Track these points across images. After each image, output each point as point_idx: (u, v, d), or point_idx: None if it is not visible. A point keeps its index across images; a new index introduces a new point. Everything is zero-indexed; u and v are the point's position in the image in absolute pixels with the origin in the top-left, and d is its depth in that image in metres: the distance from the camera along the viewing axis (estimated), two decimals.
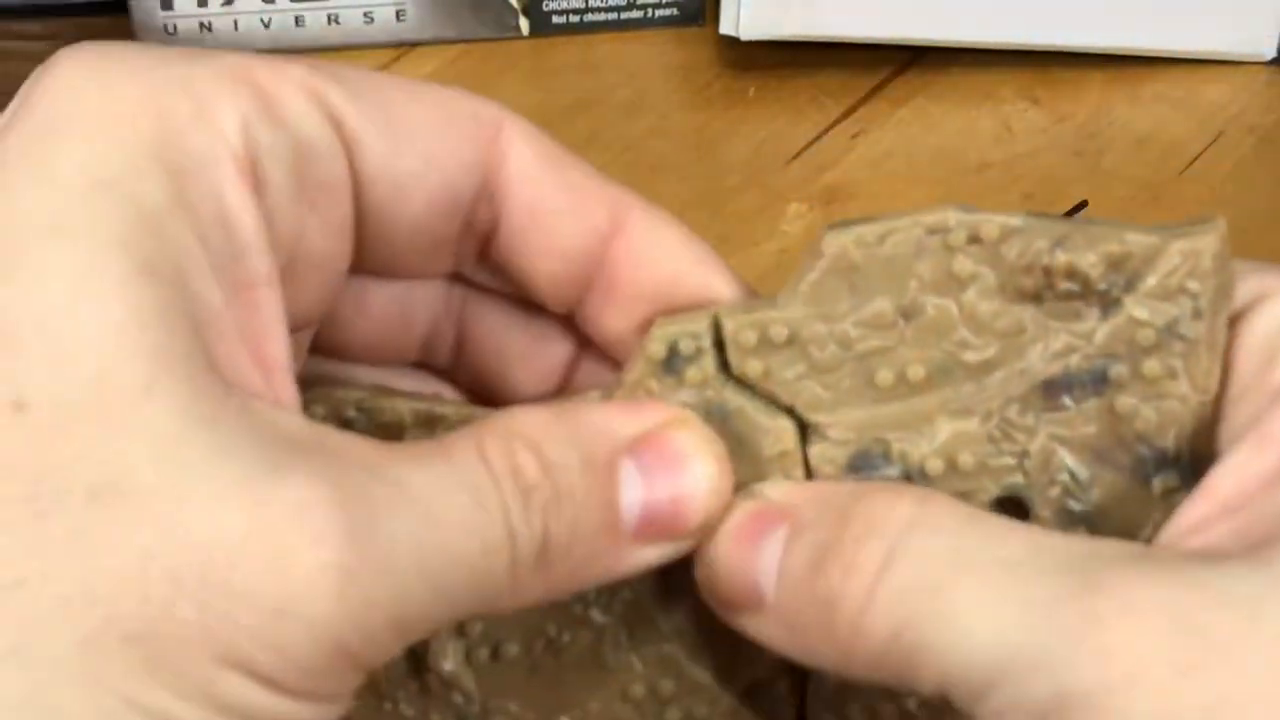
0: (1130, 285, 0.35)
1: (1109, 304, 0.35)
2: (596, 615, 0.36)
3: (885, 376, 0.35)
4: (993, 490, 0.35)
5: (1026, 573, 0.30)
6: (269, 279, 0.31)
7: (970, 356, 0.34)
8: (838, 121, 0.75)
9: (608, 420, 0.33)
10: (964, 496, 0.34)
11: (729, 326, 0.35)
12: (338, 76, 0.33)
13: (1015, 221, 0.34)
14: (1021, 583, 0.29)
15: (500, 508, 0.31)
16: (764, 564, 0.32)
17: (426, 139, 0.35)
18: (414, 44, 0.80)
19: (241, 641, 0.28)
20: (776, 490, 0.34)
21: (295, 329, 0.34)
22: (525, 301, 0.38)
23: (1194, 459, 0.34)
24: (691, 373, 0.35)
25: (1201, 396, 0.34)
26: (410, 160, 0.34)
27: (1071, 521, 0.34)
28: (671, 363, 0.35)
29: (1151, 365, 0.34)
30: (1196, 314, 0.35)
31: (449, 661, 0.36)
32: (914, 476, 0.34)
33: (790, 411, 0.35)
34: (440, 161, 0.35)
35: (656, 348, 0.35)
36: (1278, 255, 0.67)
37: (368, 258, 0.35)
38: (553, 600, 0.33)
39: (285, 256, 0.32)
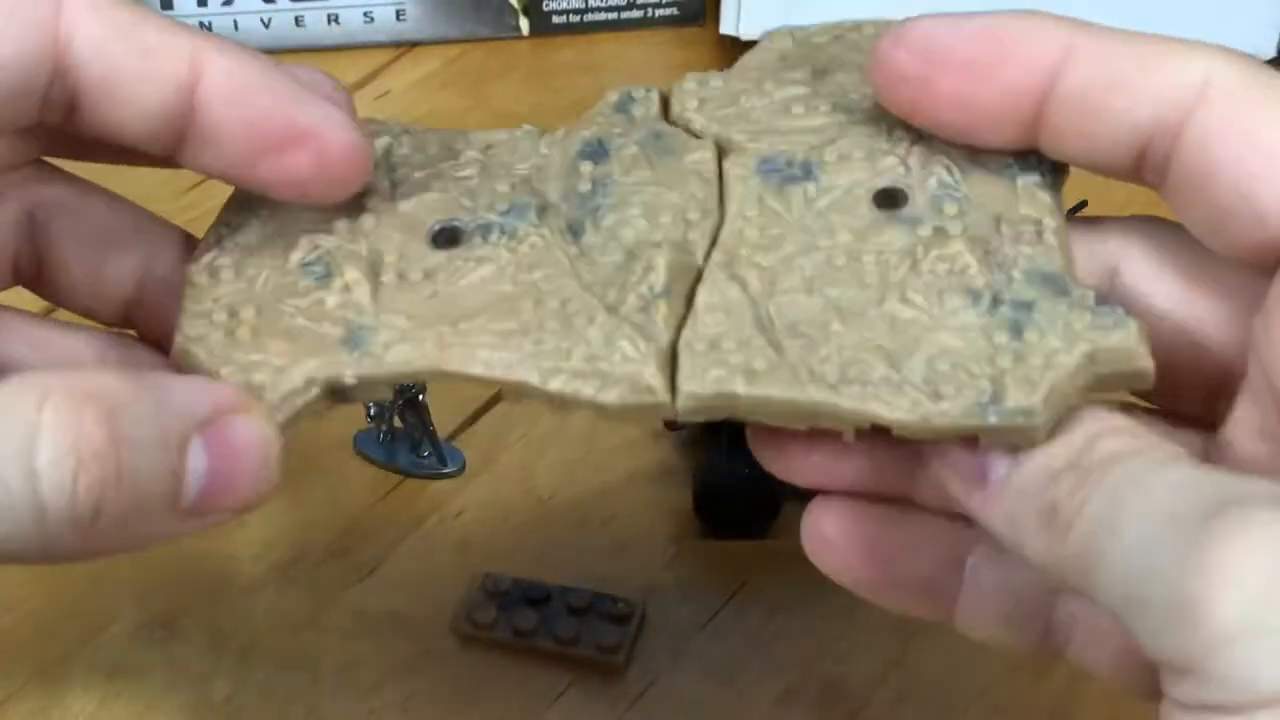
0: None
1: None
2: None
3: (797, 111, 0.41)
4: (878, 183, 0.40)
5: (1189, 523, 0.31)
6: None
7: (867, 103, 0.41)
8: None
9: (187, 397, 0.34)
10: (854, 184, 0.40)
11: (676, 84, 0.43)
12: None
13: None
14: (1181, 530, 0.31)
15: (28, 477, 0.31)
16: (996, 456, 0.35)
17: None
18: (414, 44, 0.80)
19: None
20: None
21: None
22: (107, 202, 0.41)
23: (1054, 164, 0.41)
24: (638, 111, 0.42)
25: None
26: None
27: (944, 206, 0.39)
28: (623, 104, 0.43)
29: None
30: None
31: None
32: (813, 168, 0.40)
33: (715, 140, 0.41)
34: None
35: (613, 95, 0.43)
36: None
37: None
38: (98, 556, 0.34)
39: None
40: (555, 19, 0.80)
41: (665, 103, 0.43)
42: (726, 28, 0.75)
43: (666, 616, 0.53)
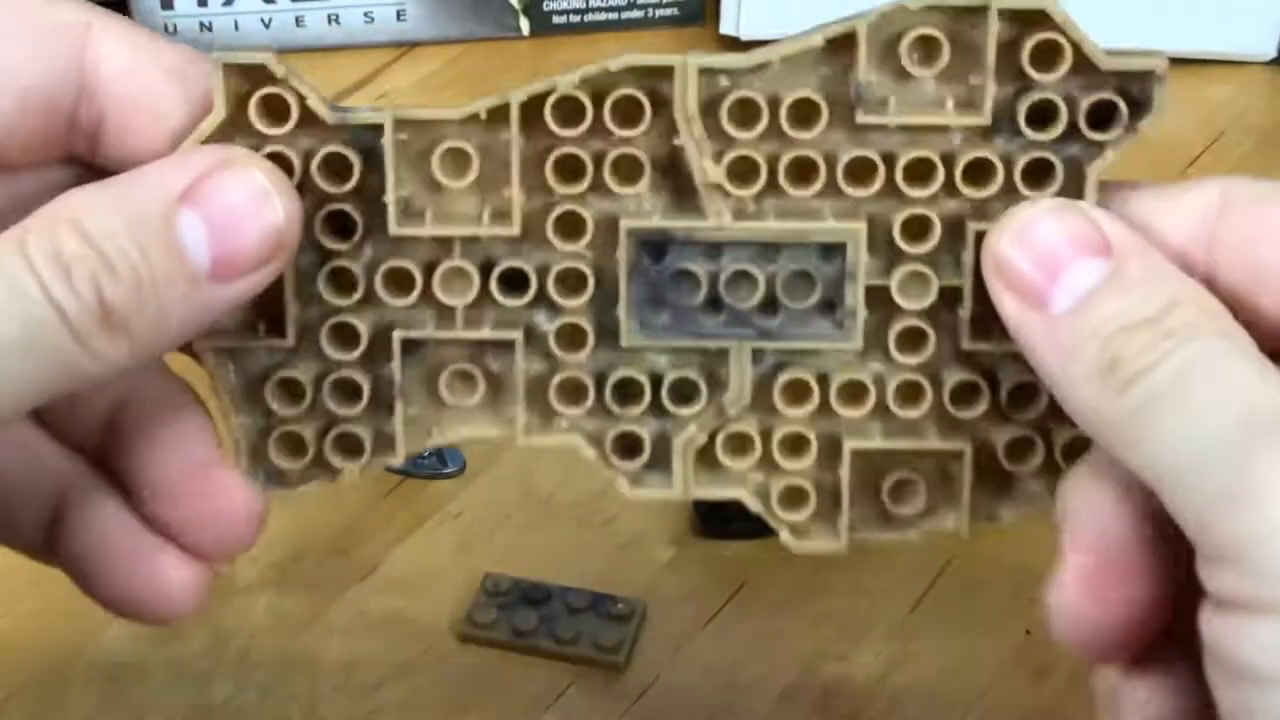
0: None
1: None
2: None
3: None
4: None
5: (1260, 420, 0.31)
6: None
7: None
8: None
9: (157, 178, 0.35)
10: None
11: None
12: None
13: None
14: (1238, 429, 0.31)
15: (39, 287, 0.33)
16: (1069, 281, 0.34)
17: (8, 49, 0.36)
18: (414, 44, 0.80)
19: None
20: (1107, 223, 0.36)
21: None
22: None
23: None
24: None
25: None
26: None
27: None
28: None
29: None
30: None
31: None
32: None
33: None
34: (27, 68, 0.36)
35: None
36: None
37: None
38: (153, 356, 0.35)
39: None
40: (555, 19, 0.80)
41: None
42: (726, 28, 0.75)
43: (666, 616, 0.53)
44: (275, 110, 0.37)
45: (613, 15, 0.80)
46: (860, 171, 0.37)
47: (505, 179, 0.38)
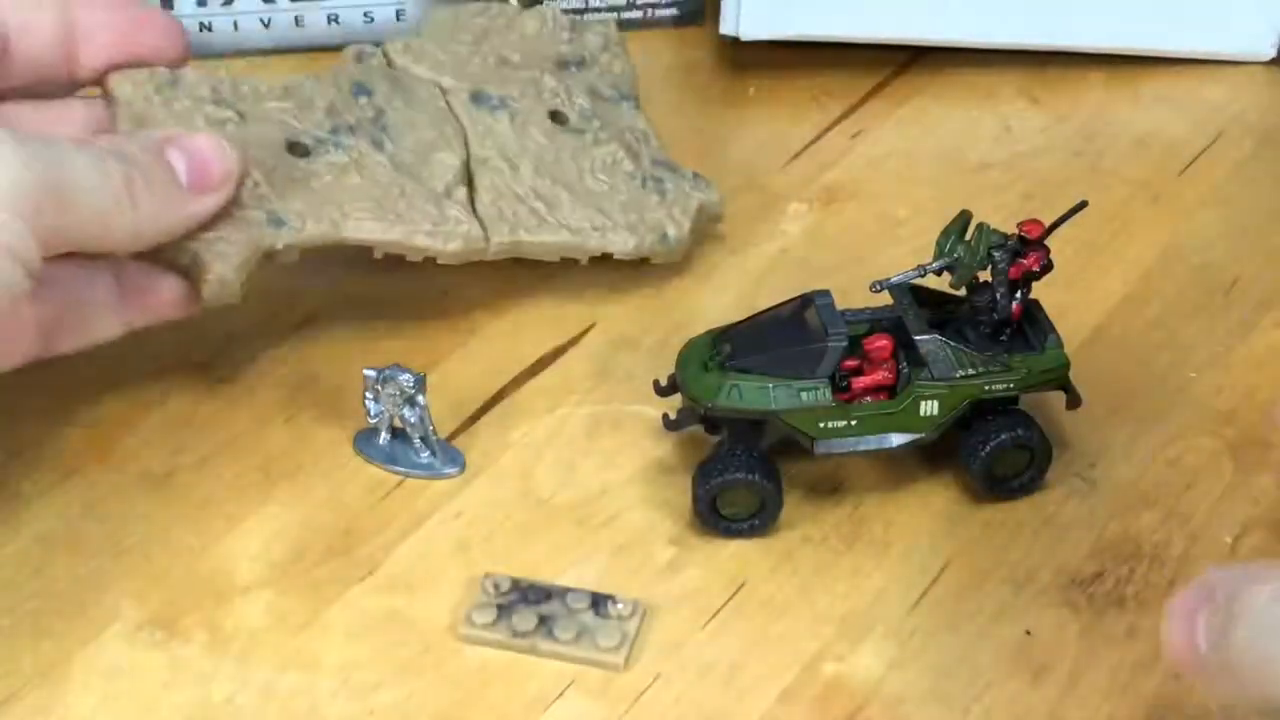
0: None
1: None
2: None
3: (474, 64, 0.67)
4: (547, 108, 0.66)
5: None
6: None
7: (517, 58, 0.67)
8: (837, 121, 0.75)
9: (147, 133, 0.58)
10: (531, 109, 0.65)
11: (388, 44, 0.67)
12: None
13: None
14: None
15: (106, 158, 0.55)
16: (1198, 634, 0.44)
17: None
18: None
19: None
20: (1208, 573, 0.45)
21: None
22: None
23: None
24: (373, 62, 0.66)
25: None
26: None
27: (592, 123, 0.66)
28: (360, 56, 0.66)
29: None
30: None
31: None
32: (505, 100, 0.65)
33: (433, 82, 0.65)
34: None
35: (351, 50, 0.67)
36: (1277, 255, 0.67)
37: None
38: (151, 240, 0.56)
39: None
40: None
41: (386, 56, 0.66)
42: (726, 28, 0.75)
43: (666, 617, 0.53)
44: None
45: (612, 15, 0.80)
46: None
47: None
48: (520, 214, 0.62)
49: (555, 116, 0.65)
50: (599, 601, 0.53)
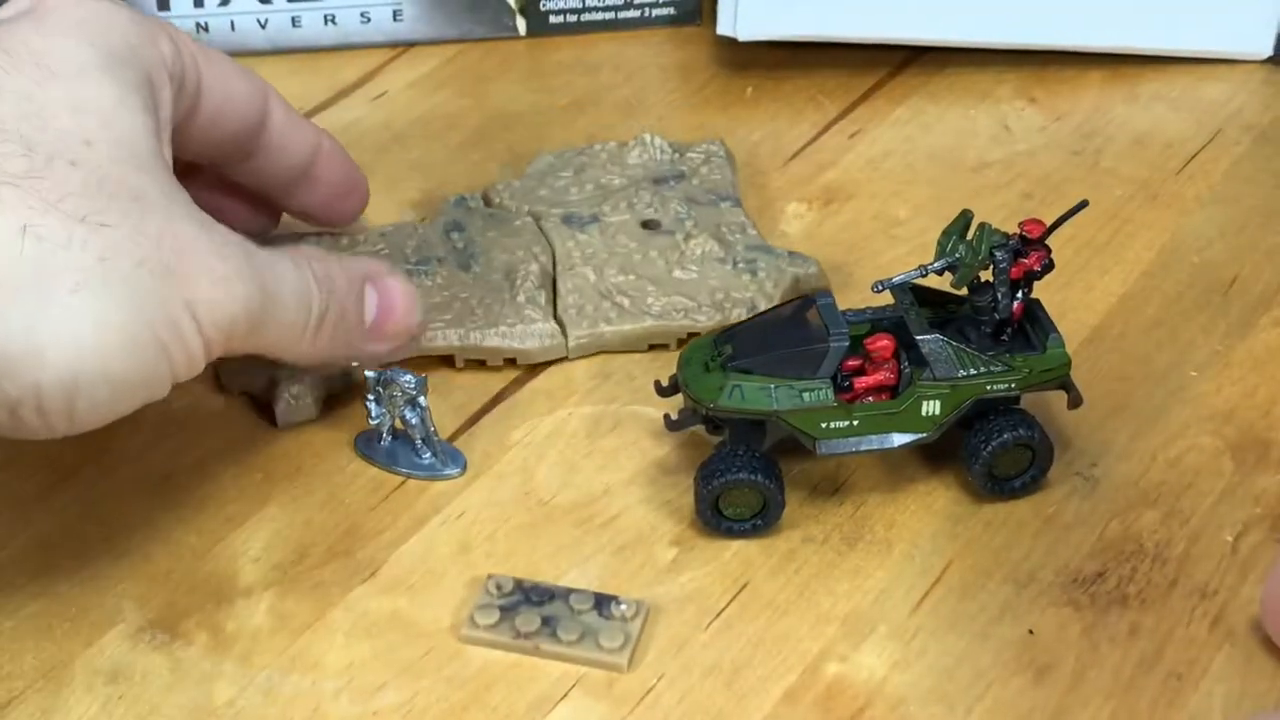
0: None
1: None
2: None
3: (572, 192, 0.69)
4: (641, 217, 0.67)
5: None
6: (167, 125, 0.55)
7: (615, 183, 0.69)
8: (835, 121, 0.75)
9: (358, 264, 0.58)
10: (624, 221, 0.67)
11: (490, 186, 0.70)
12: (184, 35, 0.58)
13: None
14: None
15: (312, 289, 0.55)
16: None
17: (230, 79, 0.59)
18: (411, 44, 0.80)
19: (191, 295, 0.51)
20: None
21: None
22: None
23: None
24: (471, 204, 0.68)
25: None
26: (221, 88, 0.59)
27: (685, 223, 0.66)
28: (459, 201, 0.69)
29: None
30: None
31: None
32: (597, 217, 0.67)
33: (529, 213, 0.68)
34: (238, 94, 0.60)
35: (452, 197, 0.69)
36: (1276, 253, 0.68)
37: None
38: (305, 362, 0.57)
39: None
40: (552, 19, 0.80)
41: (486, 199, 0.69)
42: (723, 28, 0.75)
43: (668, 617, 0.53)
44: None
45: (609, 15, 0.80)
46: None
47: None
48: (602, 308, 0.63)
49: (647, 224, 0.67)
50: (602, 602, 0.53)
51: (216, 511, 0.57)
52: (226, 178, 0.63)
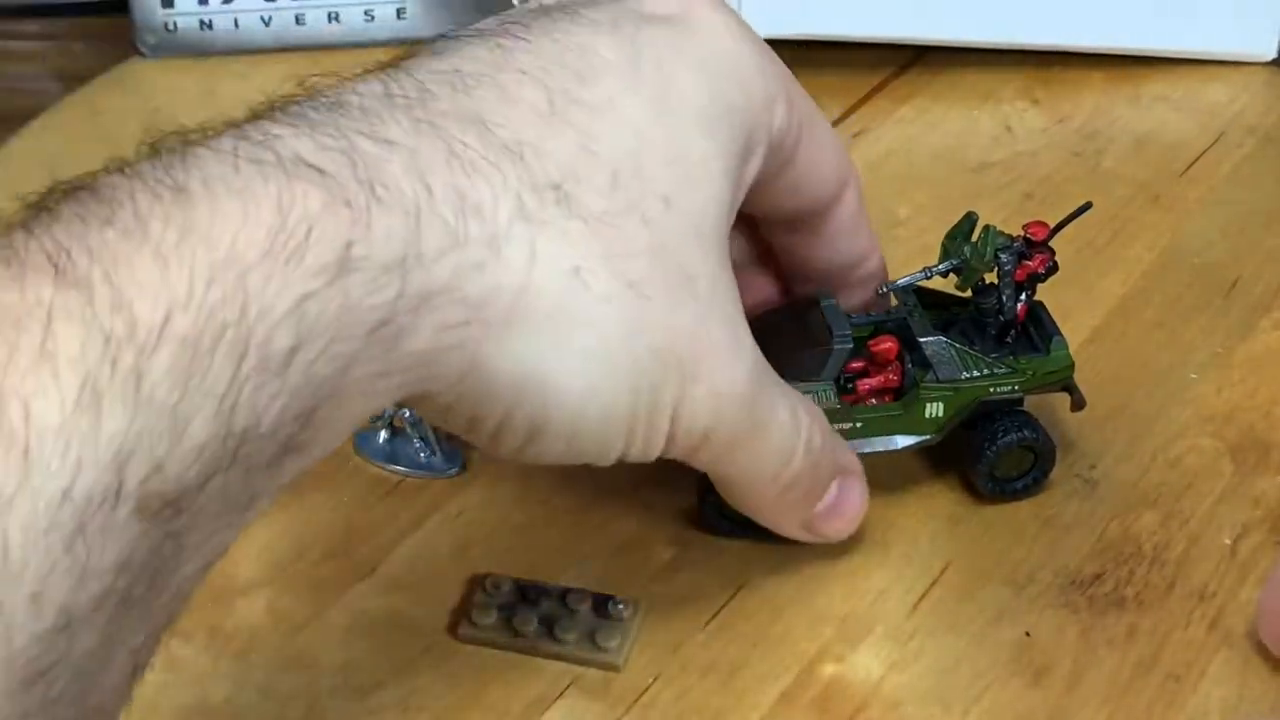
0: None
1: None
2: None
3: None
4: None
5: None
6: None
7: None
8: (838, 121, 0.75)
9: (849, 458, 0.54)
10: None
11: None
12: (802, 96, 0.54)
13: None
14: None
15: (798, 451, 0.51)
16: None
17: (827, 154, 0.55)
18: (415, 42, 0.80)
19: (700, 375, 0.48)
20: None
21: None
22: None
23: None
24: None
25: None
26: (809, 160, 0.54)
27: None
28: None
29: None
30: None
31: None
32: None
33: None
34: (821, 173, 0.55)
35: None
36: (1278, 256, 0.67)
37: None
38: (780, 511, 0.53)
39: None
40: None
41: None
42: None
43: (666, 617, 0.53)
44: None
45: None
46: None
47: None
48: None
49: None
50: (599, 602, 0.53)
51: None
52: (764, 240, 0.58)
